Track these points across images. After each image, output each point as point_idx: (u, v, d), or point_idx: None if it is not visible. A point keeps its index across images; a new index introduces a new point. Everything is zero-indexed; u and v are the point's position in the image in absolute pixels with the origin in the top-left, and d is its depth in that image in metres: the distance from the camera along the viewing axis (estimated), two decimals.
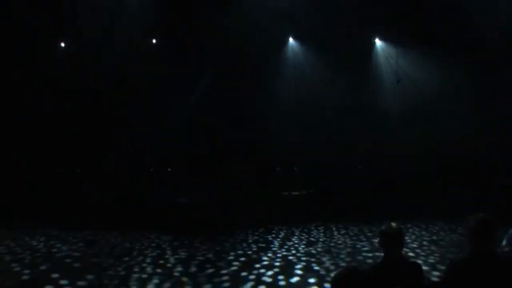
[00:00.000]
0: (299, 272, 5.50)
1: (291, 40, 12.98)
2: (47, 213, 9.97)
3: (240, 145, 12.05)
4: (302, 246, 7.09)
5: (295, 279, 5.21)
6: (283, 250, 6.85)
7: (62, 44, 12.53)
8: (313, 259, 6.13)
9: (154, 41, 12.81)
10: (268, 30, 11.53)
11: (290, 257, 6.29)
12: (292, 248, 6.93)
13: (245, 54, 11.90)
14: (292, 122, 12.19)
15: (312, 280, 5.11)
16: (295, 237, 7.95)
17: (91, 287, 5.12)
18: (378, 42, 12.76)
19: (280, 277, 5.28)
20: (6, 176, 11.13)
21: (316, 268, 5.66)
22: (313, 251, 6.68)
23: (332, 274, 5.19)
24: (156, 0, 11.81)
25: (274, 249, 6.93)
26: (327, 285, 4.86)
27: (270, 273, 5.47)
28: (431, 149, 11.20)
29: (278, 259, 6.18)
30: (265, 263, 5.99)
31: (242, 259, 6.26)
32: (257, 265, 5.85)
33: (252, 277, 5.32)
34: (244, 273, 5.47)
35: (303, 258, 6.20)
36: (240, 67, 12.09)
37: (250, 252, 6.71)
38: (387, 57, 12.70)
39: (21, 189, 10.80)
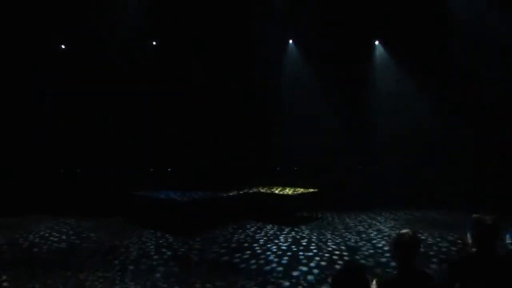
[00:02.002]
0: (287, 230, 10.28)
1: (290, 42, 13.61)
2: (72, 204, 12.69)
3: (240, 146, 13.15)
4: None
5: (285, 231, 10.04)
6: (278, 224, 11.52)
7: (63, 46, 12.78)
8: (295, 227, 10.85)
9: (154, 43, 13.27)
10: (268, 32, 11.84)
11: (283, 226, 10.98)
12: (283, 224, 11.52)
13: (245, 56, 12.41)
14: (291, 123, 13.31)
15: (293, 233, 9.96)
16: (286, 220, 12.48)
17: (139, 237, 9.62)
18: (377, 45, 13.27)
19: (278, 232, 10.09)
20: (37, 174, 12.69)
21: (296, 229, 10.43)
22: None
23: (304, 231, 10.11)
24: (156, 1, 12.02)
25: (272, 224, 11.58)
26: (300, 233, 9.76)
27: (272, 231, 10.25)
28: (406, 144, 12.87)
29: (275, 227, 10.87)
30: (268, 228, 10.73)
31: (255, 227, 10.93)
32: (264, 229, 10.58)
33: (263, 232, 10.10)
34: (258, 231, 10.27)
35: (290, 226, 10.92)
36: (240, 68, 12.64)
37: (258, 224, 11.21)
38: (386, 58, 13.02)
39: (48, 185, 12.86)
